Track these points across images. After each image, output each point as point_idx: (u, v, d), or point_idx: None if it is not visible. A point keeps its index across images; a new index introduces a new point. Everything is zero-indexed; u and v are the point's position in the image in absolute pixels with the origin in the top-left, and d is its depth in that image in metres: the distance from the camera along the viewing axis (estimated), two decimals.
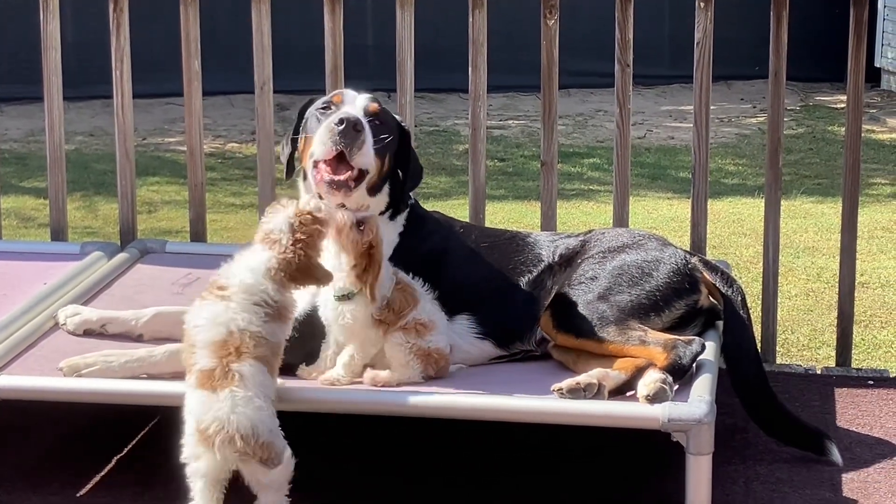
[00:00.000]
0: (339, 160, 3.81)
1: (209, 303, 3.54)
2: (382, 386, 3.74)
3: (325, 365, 3.81)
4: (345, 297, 3.74)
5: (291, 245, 3.54)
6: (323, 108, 3.92)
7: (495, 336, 3.97)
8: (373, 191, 3.90)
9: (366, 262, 3.70)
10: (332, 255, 3.72)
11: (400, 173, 3.99)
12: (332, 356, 3.81)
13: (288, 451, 3.46)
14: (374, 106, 3.92)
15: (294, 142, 4.03)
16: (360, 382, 3.77)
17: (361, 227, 3.70)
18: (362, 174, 3.85)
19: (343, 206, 3.77)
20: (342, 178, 3.79)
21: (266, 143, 5.03)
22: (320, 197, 3.81)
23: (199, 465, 3.43)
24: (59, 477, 3.95)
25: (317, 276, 3.59)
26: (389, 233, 3.95)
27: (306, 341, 3.79)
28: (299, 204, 3.64)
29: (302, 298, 3.71)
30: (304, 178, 3.96)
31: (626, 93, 4.84)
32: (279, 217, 3.58)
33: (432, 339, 3.79)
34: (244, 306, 3.50)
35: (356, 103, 3.92)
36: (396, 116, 4.05)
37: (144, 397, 3.80)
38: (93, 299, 4.42)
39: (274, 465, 3.42)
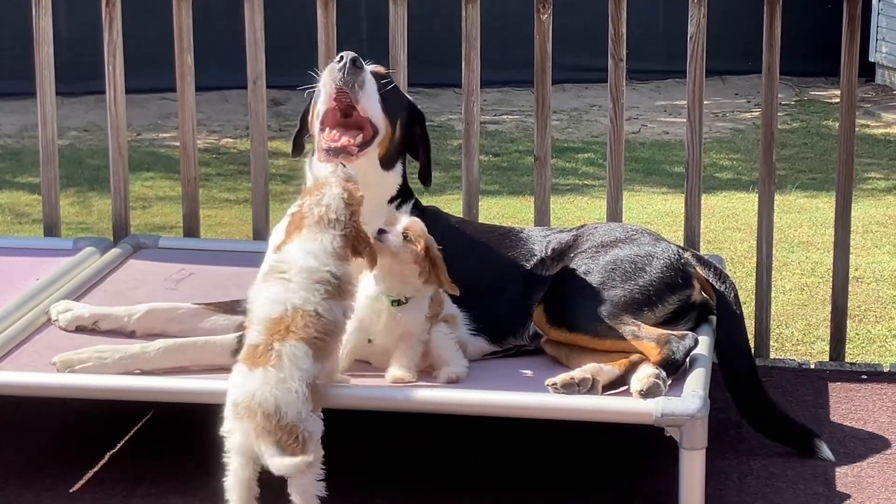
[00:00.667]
0: (346, 117, 3.76)
1: (271, 283, 3.55)
2: (456, 382, 3.73)
3: (343, 365, 3.79)
4: (398, 303, 3.74)
5: (351, 220, 3.58)
6: (336, 61, 3.85)
7: (488, 332, 3.97)
8: (386, 163, 3.88)
9: (429, 265, 3.72)
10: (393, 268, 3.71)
11: (410, 157, 4.00)
12: (346, 356, 3.78)
13: (315, 442, 3.42)
14: (381, 70, 3.90)
15: (304, 118, 4.01)
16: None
17: (407, 238, 3.71)
18: (371, 134, 3.80)
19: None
20: (337, 144, 3.74)
21: (259, 138, 5.03)
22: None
23: (231, 440, 3.43)
24: (52, 473, 3.94)
25: (368, 244, 3.62)
26: None
27: None
28: (335, 182, 3.62)
29: None
30: (310, 165, 3.94)
31: (619, 87, 4.84)
32: (329, 198, 3.58)
33: (461, 332, 3.86)
34: (304, 286, 3.51)
35: (365, 63, 3.85)
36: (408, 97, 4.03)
37: (137, 393, 3.79)
38: (85, 295, 4.41)
39: (294, 452, 3.37)
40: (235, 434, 3.41)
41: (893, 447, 4.15)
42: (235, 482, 3.43)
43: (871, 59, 11.95)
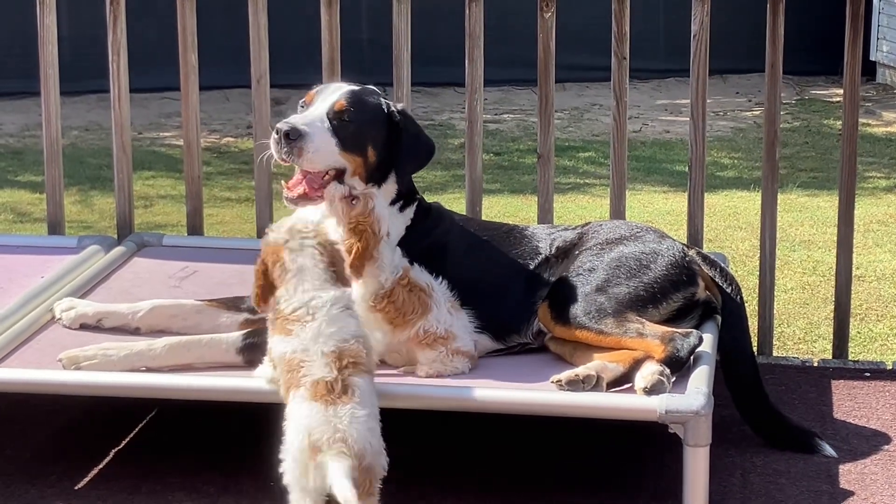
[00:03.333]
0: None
1: (297, 326, 3.47)
2: (436, 377, 3.77)
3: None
4: None
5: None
6: (301, 107, 3.95)
7: (492, 329, 3.97)
8: (373, 181, 3.90)
9: (355, 241, 3.71)
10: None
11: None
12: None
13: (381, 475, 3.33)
14: (341, 104, 3.88)
15: None
16: None
17: (354, 202, 3.71)
18: (339, 172, 3.86)
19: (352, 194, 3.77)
20: (294, 195, 3.86)
21: (263, 137, 5.02)
22: None
23: (305, 482, 3.27)
24: (57, 470, 3.95)
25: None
26: (398, 225, 3.95)
27: None
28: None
29: None
30: None
31: (622, 86, 4.84)
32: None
33: (458, 346, 3.82)
34: (345, 313, 3.51)
35: (326, 101, 3.90)
36: (386, 102, 3.97)
37: (143, 390, 3.80)
38: (90, 293, 4.42)
39: (369, 492, 3.27)
40: (311, 476, 3.25)
41: None
42: None
43: (872, 58, 11.95)
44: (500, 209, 7.66)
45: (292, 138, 3.81)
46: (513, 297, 4.01)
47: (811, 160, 9.25)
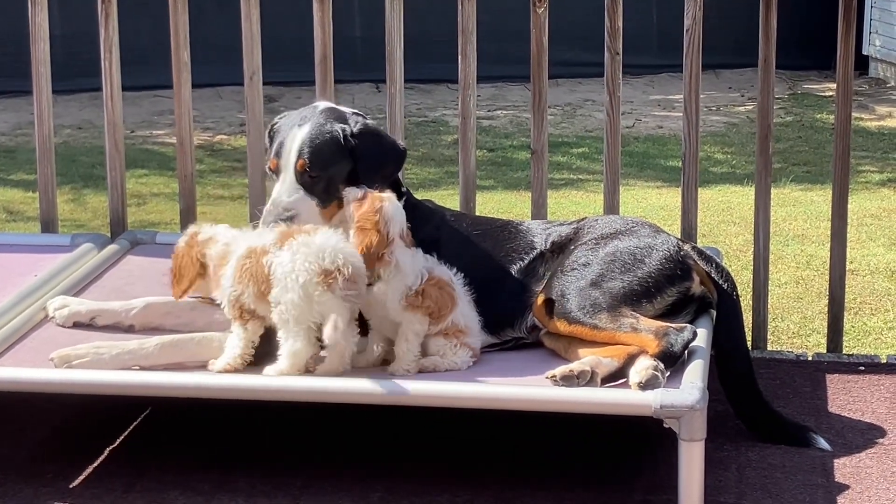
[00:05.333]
0: None
1: None
2: (432, 370, 3.77)
3: (367, 356, 3.82)
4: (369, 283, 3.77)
5: None
6: (268, 171, 4.03)
7: (486, 323, 3.97)
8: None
9: (368, 237, 3.72)
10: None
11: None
12: (374, 347, 3.82)
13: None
14: (301, 163, 3.92)
15: None
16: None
17: (362, 203, 3.75)
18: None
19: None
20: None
21: (256, 134, 5.02)
22: None
23: None
24: (51, 468, 3.94)
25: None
26: None
27: None
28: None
29: None
30: None
31: (615, 81, 4.84)
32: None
33: (470, 342, 3.84)
34: None
35: (288, 164, 3.93)
36: (340, 131, 3.95)
37: (136, 388, 3.79)
38: (83, 291, 4.42)
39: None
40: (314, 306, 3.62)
41: (891, 437, 4.16)
42: None
43: (865, 52, 11.97)
44: (493, 205, 7.66)
45: (286, 220, 3.87)
46: (507, 291, 4.01)
47: (804, 154, 9.26)
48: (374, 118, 4.50)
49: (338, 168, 3.95)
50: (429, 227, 4.06)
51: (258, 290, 3.72)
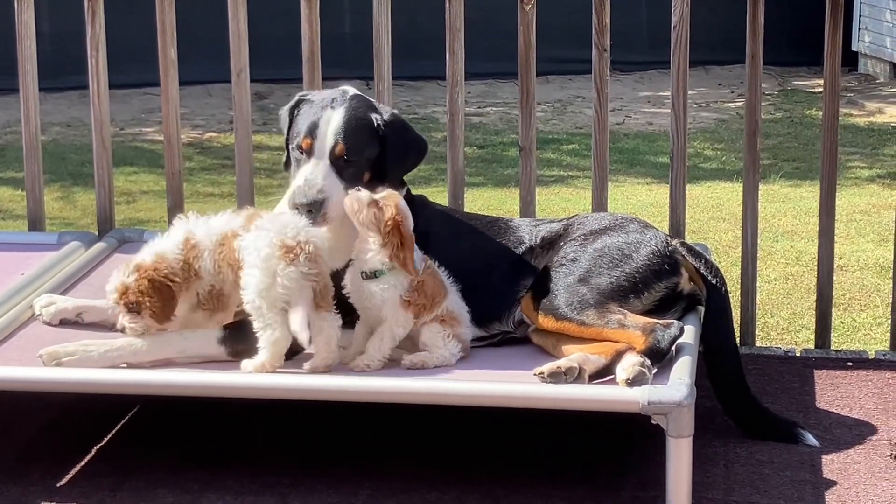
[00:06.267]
0: None
1: None
2: (420, 367, 3.76)
3: (355, 348, 3.82)
4: (372, 276, 3.76)
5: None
6: (297, 149, 3.95)
7: (474, 317, 3.97)
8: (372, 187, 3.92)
9: (396, 239, 3.73)
10: (360, 237, 3.79)
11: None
12: (362, 340, 3.81)
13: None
14: (341, 148, 3.91)
15: (287, 143, 4.07)
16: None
17: (380, 205, 3.75)
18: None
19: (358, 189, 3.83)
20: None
21: (244, 132, 5.02)
22: None
23: None
24: (40, 467, 3.93)
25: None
26: None
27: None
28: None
29: None
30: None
31: (603, 77, 4.84)
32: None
33: (461, 332, 3.85)
34: None
35: (325, 144, 3.92)
36: (375, 118, 3.98)
37: (124, 386, 3.78)
38: (71, 289, 4.41)
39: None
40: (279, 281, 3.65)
41: (879, 433, 4.16)
42: None
43: (854, 49, 11.98)
44: (483, 202, 7.66)
45: (312, 210, 3.85)
46: (495, 284, 4.02)
47: (793, 150, 9.27)
48: None
49: (370, 154, 3.96)
50: (419, 221, 4.06)
51: (235, 275, 3.75)
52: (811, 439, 4.05)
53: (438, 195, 5.33)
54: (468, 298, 3.95)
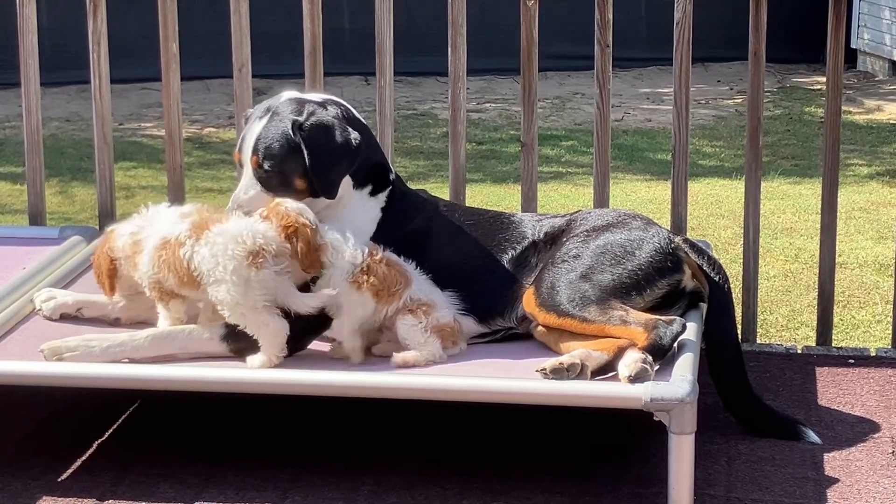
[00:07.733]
0: None
1: None
2: (412, 366, 3.75)
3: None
4: (313, 281, 3.84)
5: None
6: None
7: (476, 312, 3.97)
8: (316, 196, 3.95)
9: (296, 245, 3.76)
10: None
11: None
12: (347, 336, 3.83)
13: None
14: (255, 160, 3.94)
15: None
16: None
17: (265, 218, 3.81)
18: None
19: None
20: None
21: (244, 128, 5.00)
22: None
23: None
24: (40, 461, 3.93)
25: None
26: (371, 208, 4.01)
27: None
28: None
29: None
30: None
31: (606, 73, 4.84)
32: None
33: (439, 316, 3.84)
34: None
35: (246, 158, 3.96)
36: (291, 124, 3.93)
37: (126, 381, 3.78)
38: (72, 283, 4.40)
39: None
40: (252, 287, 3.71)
41: (881, 430, 4.16)
42: None
43: (853, 46, 11.98)
44: (483, 198, 7.65)
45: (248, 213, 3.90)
46: (497, 281, 4.01)
47: (793, 148, 9.26)
48: (363, 111, 4.50)
49: (290, 163, 3.94)
50: (420, 217, 4.06)
51: (179, 279, 3.80)
52: (813, 436, 4.05)
53: (438, 191, 5.31)
54: (470, 293, 3.95)
